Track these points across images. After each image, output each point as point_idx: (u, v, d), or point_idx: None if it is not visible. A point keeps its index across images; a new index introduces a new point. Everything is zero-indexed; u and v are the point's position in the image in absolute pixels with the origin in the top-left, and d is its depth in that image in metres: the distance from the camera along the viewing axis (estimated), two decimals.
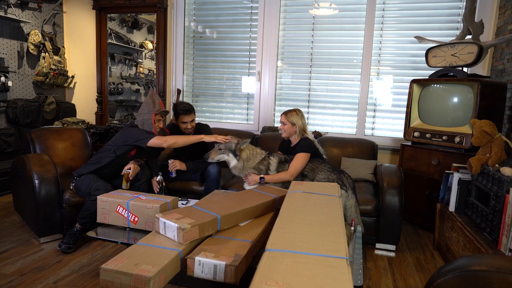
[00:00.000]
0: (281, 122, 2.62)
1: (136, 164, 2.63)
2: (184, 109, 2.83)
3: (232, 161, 2.48)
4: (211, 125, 3.18)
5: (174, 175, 2.82)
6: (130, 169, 2.57)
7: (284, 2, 3.85)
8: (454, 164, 2.51)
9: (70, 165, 2.92)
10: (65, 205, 2.51)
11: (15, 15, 3.83)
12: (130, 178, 2.57)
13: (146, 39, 5.33)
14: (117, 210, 2.01)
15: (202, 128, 3.02)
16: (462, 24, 2.93)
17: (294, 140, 2.61)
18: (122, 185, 2.56)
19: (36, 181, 2.40)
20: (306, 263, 1.10)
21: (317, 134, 3.58)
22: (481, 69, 3.23)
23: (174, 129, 2.99)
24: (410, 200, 3.03)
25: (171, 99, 4.29)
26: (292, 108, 2.66)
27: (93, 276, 2.09)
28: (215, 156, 2.48)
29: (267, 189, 2.22)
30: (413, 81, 3.09)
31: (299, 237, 1.28)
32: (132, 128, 2.60)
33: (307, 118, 3.89)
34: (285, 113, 2.60)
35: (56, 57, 4.26)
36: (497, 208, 1.81)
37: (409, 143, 3.13)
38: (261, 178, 2.40)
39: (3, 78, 3.73)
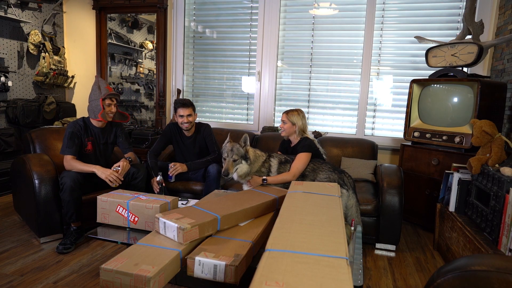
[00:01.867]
0: (282, 120, 2.61)
1: (127, 161, 2.60)
2: (181, 102, 2.83)
3: (244, 168, 2.31)
4: (211, 125, 3.17)
5: (173, 180, 2.81)
6: (119, 166, 2.54)
7: (284, 2, 3.85)
8: (454, 164, 2.51)
9: None
10: None
11: (15, 15, 3.83)
12: (121, 178, 2.51)
13: (146, 39, 5.32)
14: (117, 210, 2.01)
15: (201, 126, 3.02)
16: (462, 24, 2.93)
17: (294, 140, 2.61)
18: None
19: (36, 181, 2.40)
20: (306, 263, 1.10)
21: (317, 134, 3.58)
22: (481, 69, 3.23)
23: (174, 127, 2.99)
24: (410, 200, 3.03)
25: (171, 99, 4.29)
26: (293, 108, 2.66)
27: (93, 276, 2.09)
28: (233, 168, 2.26)
29: (267, 189, 2.21)
30: (413, 81, 3.09)
31: (299, 237, 1.28)
32: (68, 130, 2.55)
33: (307, 118, 3.89)
34: (286, 112, 2.59)
35: (56, 57, 4.26)
36: (497, 208, 1.81)
37: (409, 143, 3.13)
38: (263, 179, 2.36)
39: (3, 78, 3.73)
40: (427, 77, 3.04)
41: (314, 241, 1.25)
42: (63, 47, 4.46)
